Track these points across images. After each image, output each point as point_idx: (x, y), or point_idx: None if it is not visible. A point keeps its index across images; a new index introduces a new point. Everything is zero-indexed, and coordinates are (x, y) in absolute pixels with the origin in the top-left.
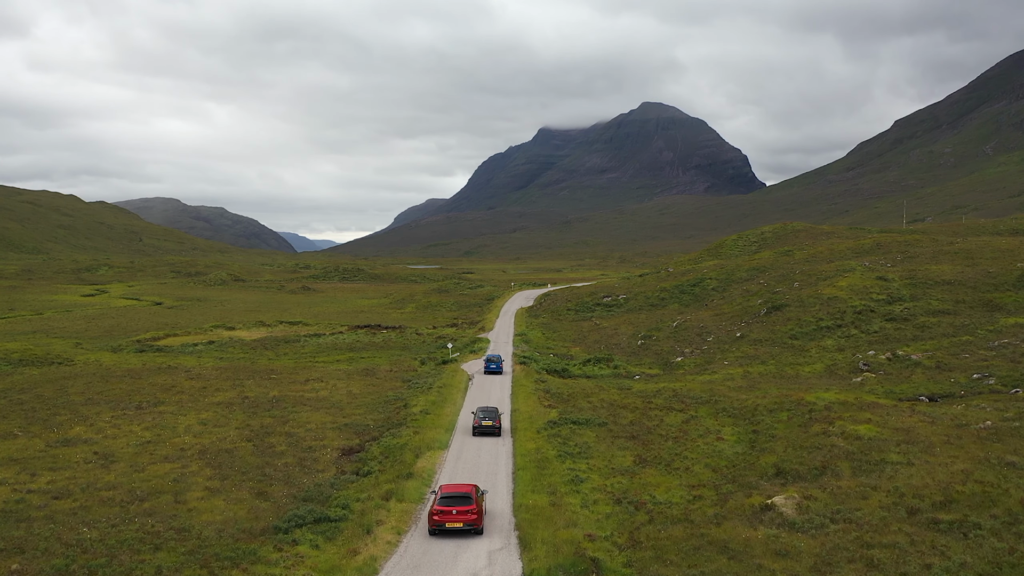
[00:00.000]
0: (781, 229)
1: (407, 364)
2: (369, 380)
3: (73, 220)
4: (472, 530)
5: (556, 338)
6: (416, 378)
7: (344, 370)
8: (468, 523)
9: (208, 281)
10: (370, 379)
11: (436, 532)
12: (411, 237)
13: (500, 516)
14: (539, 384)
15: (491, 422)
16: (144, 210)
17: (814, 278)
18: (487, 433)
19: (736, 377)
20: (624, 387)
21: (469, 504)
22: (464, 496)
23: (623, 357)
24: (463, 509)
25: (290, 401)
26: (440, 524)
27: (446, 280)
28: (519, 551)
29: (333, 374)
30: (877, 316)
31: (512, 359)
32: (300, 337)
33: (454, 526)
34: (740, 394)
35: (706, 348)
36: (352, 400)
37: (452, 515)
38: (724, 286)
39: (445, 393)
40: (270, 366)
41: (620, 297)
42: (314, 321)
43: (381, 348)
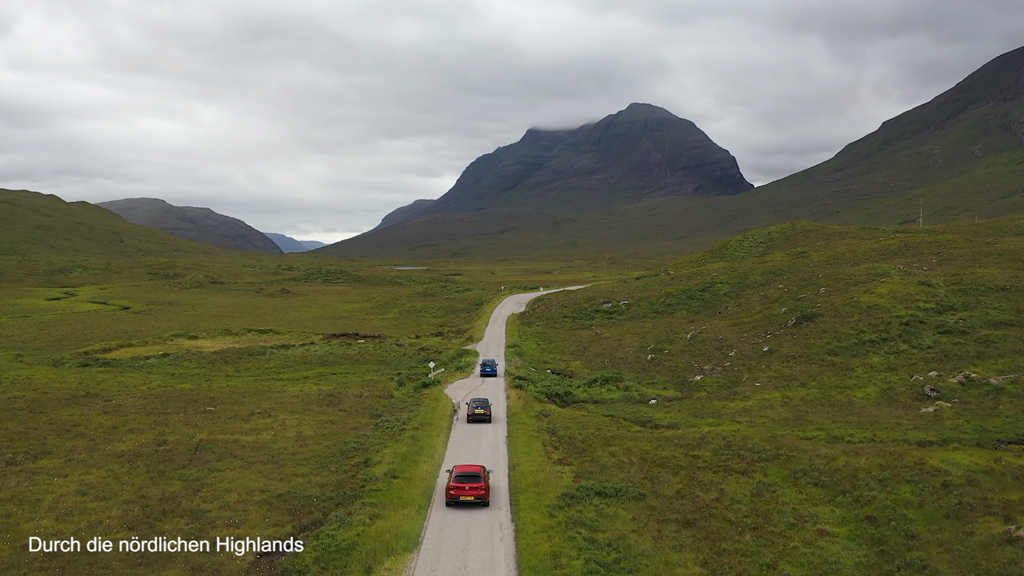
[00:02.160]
0: (789, 229)
1: (381, 386)
2: (328, 415)
3: (52, 220)
4: (480, 502)
5: (553, 349)
6: (388, 410)
7: (304, 397)
8: (478, 497)
9: (184, 284)
10: (331, 412)
11: (451, 504)
12: (399, 238)
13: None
14: (541, 420)
15: (473, 495)
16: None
17: (842, 283)
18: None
19: (775, 404)
20: (647, 422)
21: (478, 481)
22: (474, 475)
23: (632, 374)
24: (475, 486)
25: (218, 449)
26: (455, 497)
27: (432, 283)
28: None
29: (287, 403)
30: (928, 328)
31: (505, 379)
32: (266, 349)
33: (467, 499)
34: (820, 447)
35: (728, 365)
36: (300, 449)
37: (465, 491)
38: (738, 291)
39: (421, 439)
40: (213, 391)
41: (621, 303)
42: (286, 329)
43: (356, 362)
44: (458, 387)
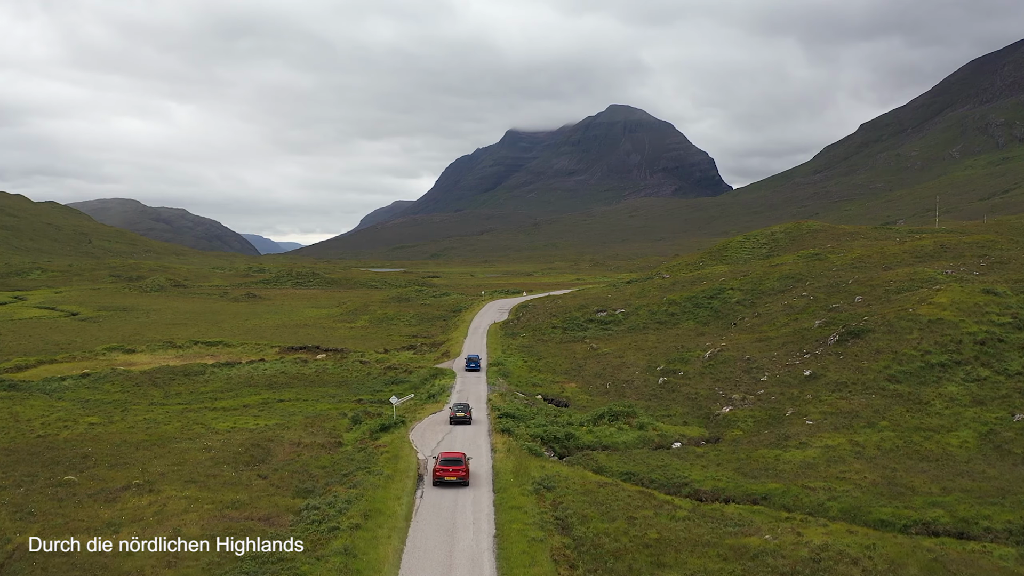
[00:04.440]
0: (794, 229)
1: (330, 427)
2: (236, 493)
3: (18, 221)
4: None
5: (543, 368)
6: (326, 480)
7: (223, 446)
8: (459, 477)
9: (144, 287)
10: (244, 484)
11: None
12: (377, 239)
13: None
14: (542, 499)
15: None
16: (101, 211)
17: (880, 290)
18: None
19: (845, 455)
20: (684, 485)
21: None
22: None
23: (641, 402)
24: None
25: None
26: (440, 478)
27: (408, 287)
28: None
29: (190, 463)
30: (1010, 348)
31: (487, 411)
32: (206, 368)
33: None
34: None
35: (763, 393)
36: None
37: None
38: (752, 299)
39: (360, 552)
40: (98, 440)
41: (618, 311)
42: (239, 341)
43: (310, 384)
44: (428, 428)
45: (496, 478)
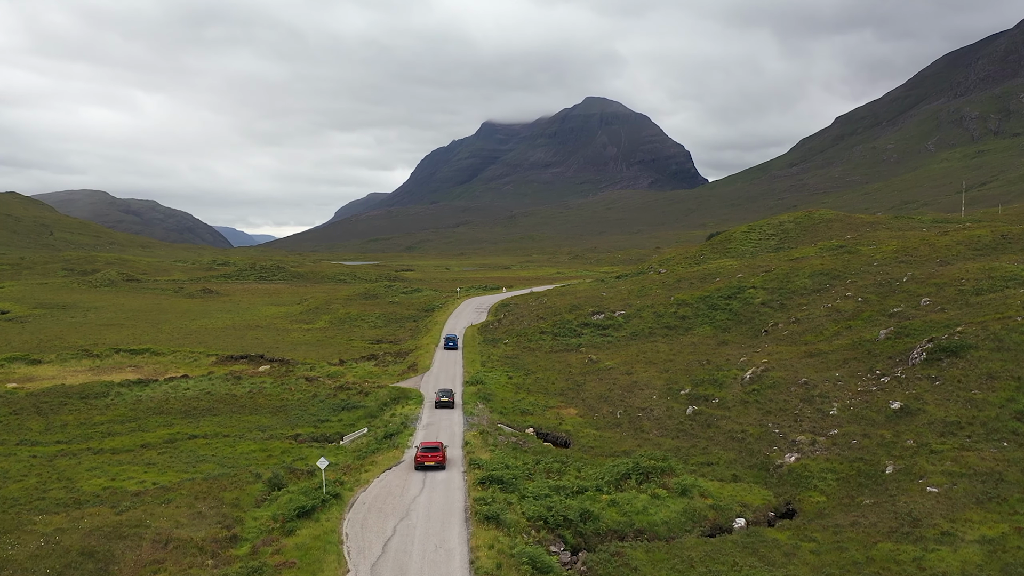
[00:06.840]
0: (804, 218)
1: (229, 502)
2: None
3: None
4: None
5: (533, 387)
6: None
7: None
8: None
9: (94, 282)
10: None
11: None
12: (351, 232)
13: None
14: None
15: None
16: (67, 203)
17: (952, 290)
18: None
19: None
20: None
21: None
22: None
23: (666, 441)
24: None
25: None
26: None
27: (377, 281)
28: None
29: None
30: None
31: (463, 463)
32: (110, 388)
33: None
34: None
35: (837, 434)
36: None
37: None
38: (781, 300)
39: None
40: None
41: (617, 314)
42: (172, 348)
43: (238, 410)
44: (377, 503)
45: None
